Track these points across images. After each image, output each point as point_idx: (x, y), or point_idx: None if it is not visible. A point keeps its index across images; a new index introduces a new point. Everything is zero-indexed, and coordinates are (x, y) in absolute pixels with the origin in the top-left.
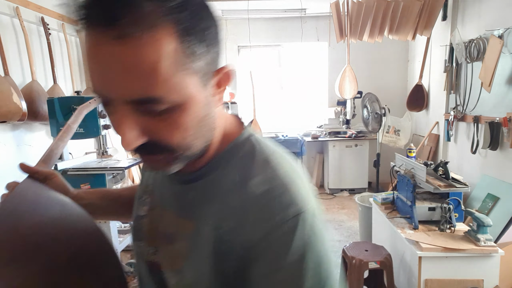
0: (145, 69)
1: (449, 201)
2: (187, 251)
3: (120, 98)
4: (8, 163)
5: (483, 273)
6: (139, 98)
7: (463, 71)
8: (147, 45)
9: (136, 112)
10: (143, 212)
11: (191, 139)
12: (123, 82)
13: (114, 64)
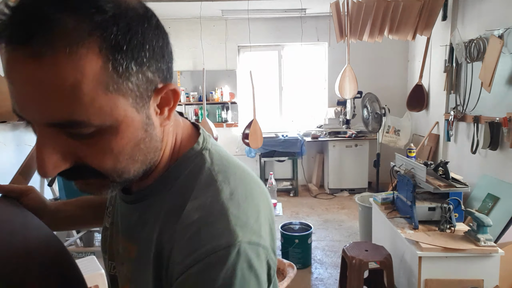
0: (64, 91)
1: (449, 201)
2: (131, 275)
3: (40, 122)
4: (8, 163)
5: (483, 273)
6: (59, 121)
7: (463, 71)
8: (66, 65)
9: (60, 134)
10: (107, 223)
11: (125, 163)
12: (40, 105)
13: (30, 84)
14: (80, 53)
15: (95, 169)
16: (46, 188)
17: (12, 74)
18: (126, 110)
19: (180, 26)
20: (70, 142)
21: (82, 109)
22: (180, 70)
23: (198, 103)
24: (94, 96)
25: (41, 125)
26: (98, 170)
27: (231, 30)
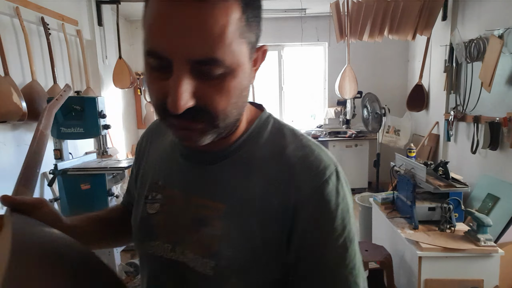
0: (215, 32)
1: (449, 201)
2: (222, 231)
3: (183, 58)
4: (8, 163)
5: (483, 273)
6: (204, 58)
7: (463, 71)
8: (219, 10)
9: (192, 74)
10: (153, 210)
11: (231, 107)
12: (193, 42)
13: (189, 24)
14: (229, 4)
15: (209, 111)
16: (46, 188)
17: (171, 14)
18: (245, 57)
19: None
20: (197, 83)
21: (222, 49)
22: None
23: None
24: (232, 39)
25: (184, 62)
26: (212, 111)
27: None
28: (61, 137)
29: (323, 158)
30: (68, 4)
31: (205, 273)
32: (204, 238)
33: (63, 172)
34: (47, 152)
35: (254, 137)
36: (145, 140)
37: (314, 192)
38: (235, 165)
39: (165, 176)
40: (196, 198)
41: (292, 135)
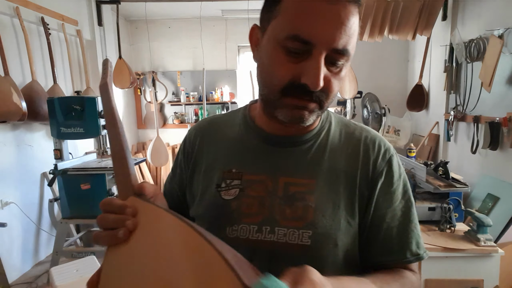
0: (352, 28)
1: (449, 201)
2: (315, 203)
3: (326, 45)
4: (8, 163)
5: (483, 273)
6: (341, 47)
7: (463, 71)
8: (356, 13)
9: (326, 61)
10: (230, 196)
11: (336, 93)
12: (338, 33)
13: (339, 20)
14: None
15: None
16: (46, 188)
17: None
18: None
19: (180, 26)
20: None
21: (352, 43)
22: (180, 70)
23: (198, 103)
24: (356, 35)
25: (324, 49)
26: (329, 93)
27: (231, 30)
28: (61, 137)
29: (384, 139)
30: (68, 4)
31: (302, 243)
32: (299, 211)
33: (63, 172)
34: (47, 152)
35: (325, 125)
36: (199, 138)
37: (385, 165)
38: (318, 147)
39: (240, 164)
40: (285, 177)
41: (351, 123)
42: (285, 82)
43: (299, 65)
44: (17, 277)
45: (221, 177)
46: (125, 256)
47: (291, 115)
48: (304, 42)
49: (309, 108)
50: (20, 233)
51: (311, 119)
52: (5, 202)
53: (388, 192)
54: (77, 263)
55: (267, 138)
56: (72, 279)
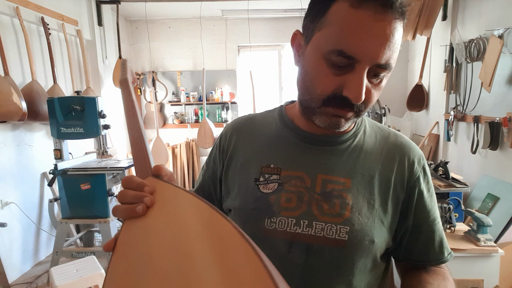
0: (396, 45)
1: (449, 201)
2: (352, 200)
3: (370, 61)
4: (8, 163)
5: (483, 273)
6: (383, 62)
7: (463, 71)
8: (401, 30)
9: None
10: (269, 190)
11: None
12: (382, 50)
13: (383, 37)
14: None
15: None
16: (46, 188)
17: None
18: None
19: (180, 26)
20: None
21: (394, 58)
22: (180, 70)
23: (198, 103)
24: (398, 48)
25: (369, 64)
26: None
27: (231, 30)
28: (61, 137)
29: (416, 146)
30: (68, 4)
31: (340, 238)
32: (337, 208)
33: (63, 172)
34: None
35: (361, 128)
36: (235, 134)
37: (421, 171)
38: (353, 148)
39: (279, 160)
40: (322, 175)
41: (384, 127)
42: (328, 93)
43: (342, 78)
44: (17, 277)
45: (259, 171)
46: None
47: (329, 122)
48: (348, 57)
49: (347, 116)
50: (20, 233)
51: (346, 125)
52: (5, 202)
53: (428, 197)
54: (77, 263)
55: (305, 137)
56: (72, 279)
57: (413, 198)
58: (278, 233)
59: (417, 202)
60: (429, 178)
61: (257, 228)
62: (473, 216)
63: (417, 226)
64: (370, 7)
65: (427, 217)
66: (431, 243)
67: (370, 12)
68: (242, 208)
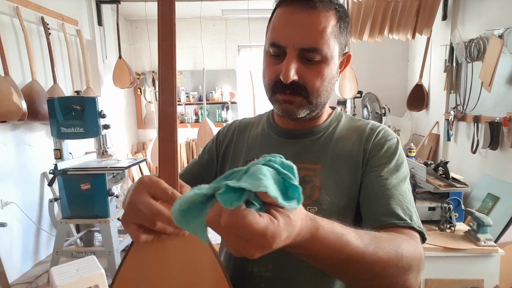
0: (318, 29)
1: (449, 200)
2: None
3: (294, 45)
4: (8, 163)
5: (483, 272)
6: (308, 46)
7: (463, 70)
8: (323, 16)
9: (298, 59)
10: None
11: (322, 89)
12: (302, 35)
13: (300, 25)
14: (329, 13)
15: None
16: (46, 188)
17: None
18: (336, 54)
19: (180, 26)
20: (301, 66)
21: (321, 42)
22: (180, 70)
23: (198, 103)
24: (329, 36)
25: (294, 49)
26: (308, 87)
27: (231, 30)
28: (61, 137)
29: (390, 131)
30: (68, 4)
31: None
32: (307, 191)
33: (63, 172)
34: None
35: (335, 121)
36: (230, 133)
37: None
38: (324, 138)
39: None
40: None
41: (363, 120)
42: (271, 81)
43: (279, 66)
44: (17, 277)
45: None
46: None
47: (282, 108)
48: (278, 46)
49: (295, 102)
50: (20, 233)
51: (301, 112)
52: (5, 202)
53: (377, 165)
54: (77, 263)
55: (282, 132)
56: (72, 279)
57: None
58: None
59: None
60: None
61: None
62: (473, 216)
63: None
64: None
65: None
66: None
67: (291, 8)
68: None
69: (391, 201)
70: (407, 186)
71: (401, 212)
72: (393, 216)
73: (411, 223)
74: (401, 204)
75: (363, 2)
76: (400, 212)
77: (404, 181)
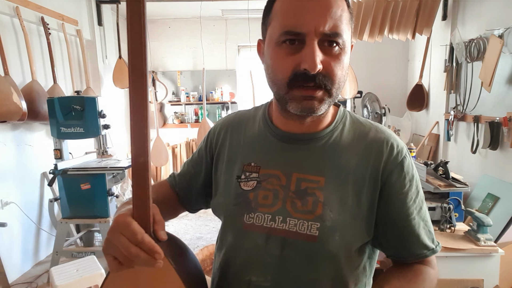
0: (337, 13)
1: (449, 200)
2: (324, 199)
3: (316, 31)
4: (8, 163)
5: (483, 273)
6: (330, 31)
7: (463, 70)
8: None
9: (319, 46)
10: (249, 187)
11: (342, 78)
12: (323, 19)
13: (320, 8)
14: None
15: (330, 77)
16: (46, 188)
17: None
18: (350, 41)
19: (180, 26)
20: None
21: (341, 26)
22: (180, 70)
23: (198, 103)
24: (346, 22)
25: (315, 35)
26: (332, 77)
27: (231, 30)
28: (61, 137)
29: (398, 140)
30: (68, 4)
31: (311, 233)
32: (309, 205)
33: (63, 172)
34: (47, 152)
35: (340, 125)
36: (222, 132)
37: (397, 166)
38: (329, 145)
39: (259, 158)
40: (297, 174)
41: (368, 122)
42: (289, 74)
43: (297, 56)
44: (17, 277)
45: (242, 169)
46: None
47: (301, 106)
48: (295, 34)
49: (317, 96)
50: (20, 233)
51: (322, 108)
52: (5, 202)
53: (401, 193)
54: (77, 263)
55: (282, 136)
56: (72, 279)
57: (386, 193)
58: (256, 227)
59: (389, 197)
60: (408, 174)
61: (238, 222)
62: (473, 216)
63: (390, 221)
64: None
65: (400, 212)
66: (405, 238)
67: None
68: (225, 203)
69: (420, 231)
70: (425, 203)
71: (428, 240)
72: (423, 247)
73: (435, 249)
74: (426, 230)
75: (363, 2)
76: (428, 242)
77: (423, 199)
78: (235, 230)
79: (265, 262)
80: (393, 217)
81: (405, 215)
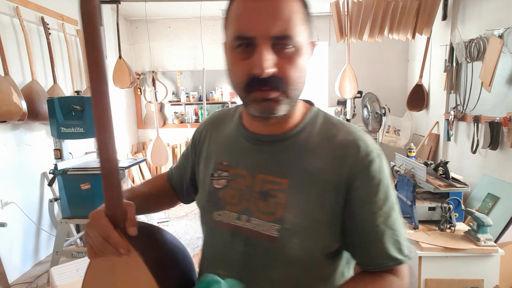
0: (286, 16)
1: (449, 201)
2: (286, 201)
3: (265, 35)
4: (8, 163)
5: (483, 273)
6: (280, 34)
7: (463, 70)
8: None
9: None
10: (220, 185)
11: (299, 80)
12: (272, 23)
13: (268, 11)
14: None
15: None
16: (46, 188)
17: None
18: (305, 40)
19: (180, 26)
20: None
21: (292, 28)
22: (180, 70)
23: (198, 103)
24: (298, 23)
25: (265, 38)
26: (286, 79)
27: None
28: (61, 137)
29: (368, 143)
30: (68, 4)
31: (271, 234)
32: (271, 207)
33: (63, 172)
34: (47, 152)
35: (309, 126)
36: (205, 129)
37: (362, 169)
38: (295, 147)
39: (230, 158)
40: (261, 175)
41: (340, 124)
42: (244, 79)
43: (249, 60)
44: (17, 277)
45: (215, 167)
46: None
47: (260, 108)
48: (245, 38)
49: (274, 98)
50: (20, 233)
51: (281, 109)
52: (5, 202)
53: (366, 199)
54: (77, 263)
55: (249, 137)
56: (72, 279)
57: (351, 198)
58: (223, 224)
59: (353, 202)
60: (374, 178)
61: (209, 219)
62: (473, 216)
63: (354, 228)
64: None
65: (365, 219)
66: (368, 246)
67: None
68: (200, 199)
69: (384, 240)
70: (396, 210)
71: (394, 250)
72: (386, 257)
73: (402, 260)
74: (393, 239)
75: (363, 2)
76: (392, 251)
77: (393, 206)
78: (207, 225)
79: (230, 258)
80: (357, 223)
81: (369, 222)
